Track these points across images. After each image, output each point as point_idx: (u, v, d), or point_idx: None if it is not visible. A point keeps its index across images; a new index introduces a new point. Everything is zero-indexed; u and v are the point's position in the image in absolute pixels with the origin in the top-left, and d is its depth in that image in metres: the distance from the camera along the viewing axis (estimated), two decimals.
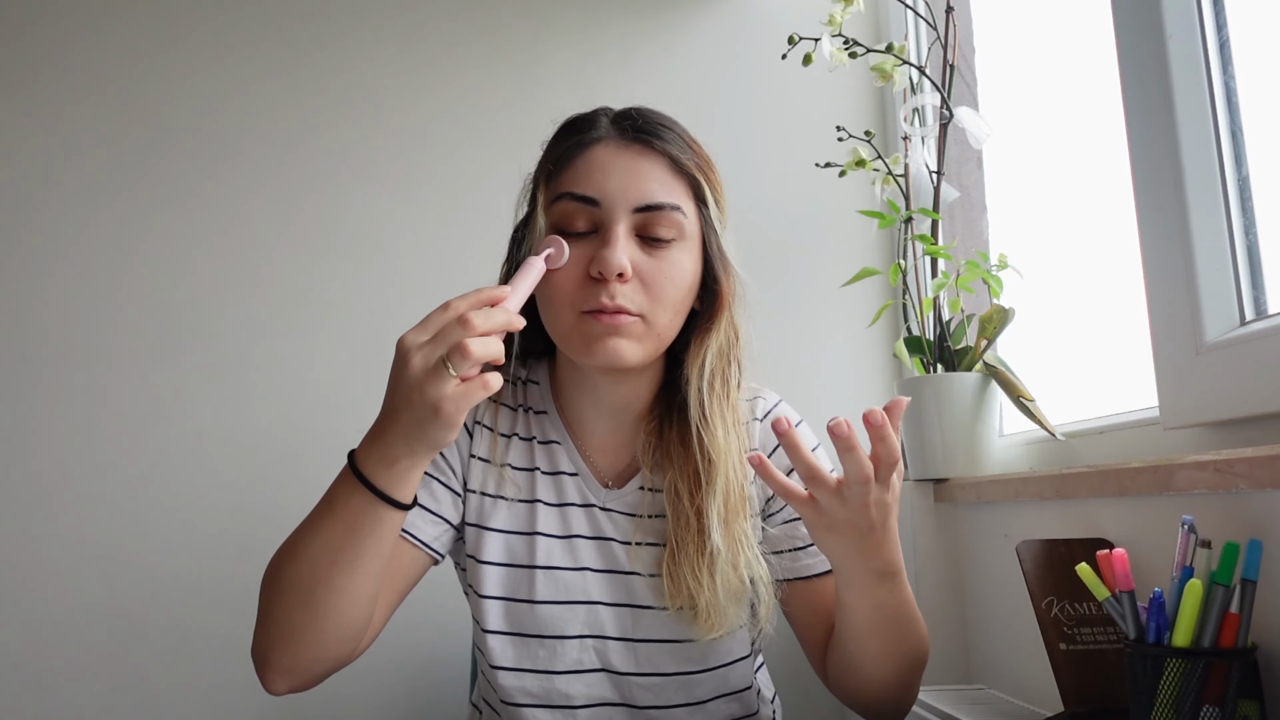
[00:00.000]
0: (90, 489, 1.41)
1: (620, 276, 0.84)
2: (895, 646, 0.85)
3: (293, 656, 0.78)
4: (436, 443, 0.72)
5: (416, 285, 1.52)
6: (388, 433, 0.74)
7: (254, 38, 1.55)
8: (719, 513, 0.88)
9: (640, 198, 0.86)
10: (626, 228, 0.85)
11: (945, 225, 1.48)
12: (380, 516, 0.76)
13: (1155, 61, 0.95)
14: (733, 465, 0.90)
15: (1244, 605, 0.70)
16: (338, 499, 0.77)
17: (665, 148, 0.88)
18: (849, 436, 0.71)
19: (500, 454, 0.96)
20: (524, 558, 0.93)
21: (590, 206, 0.86)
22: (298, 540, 0.79)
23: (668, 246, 0.87)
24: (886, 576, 0.80)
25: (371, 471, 0.75)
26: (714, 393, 0.91)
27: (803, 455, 0.74)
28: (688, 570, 0.88)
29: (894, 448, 0.73)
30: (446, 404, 0.69)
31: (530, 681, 0.91)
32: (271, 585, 0.79)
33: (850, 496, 0.74)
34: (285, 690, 0.80)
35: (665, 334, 0.89)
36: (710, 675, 0.94)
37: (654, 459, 0.94)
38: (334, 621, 0.78)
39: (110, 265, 1.46)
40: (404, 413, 0.71)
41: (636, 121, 0.89)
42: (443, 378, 0.69)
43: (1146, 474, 0.85)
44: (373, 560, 0.78)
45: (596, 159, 0.87)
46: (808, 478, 0.75)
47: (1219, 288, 0.91)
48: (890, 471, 0.73)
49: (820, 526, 0.78)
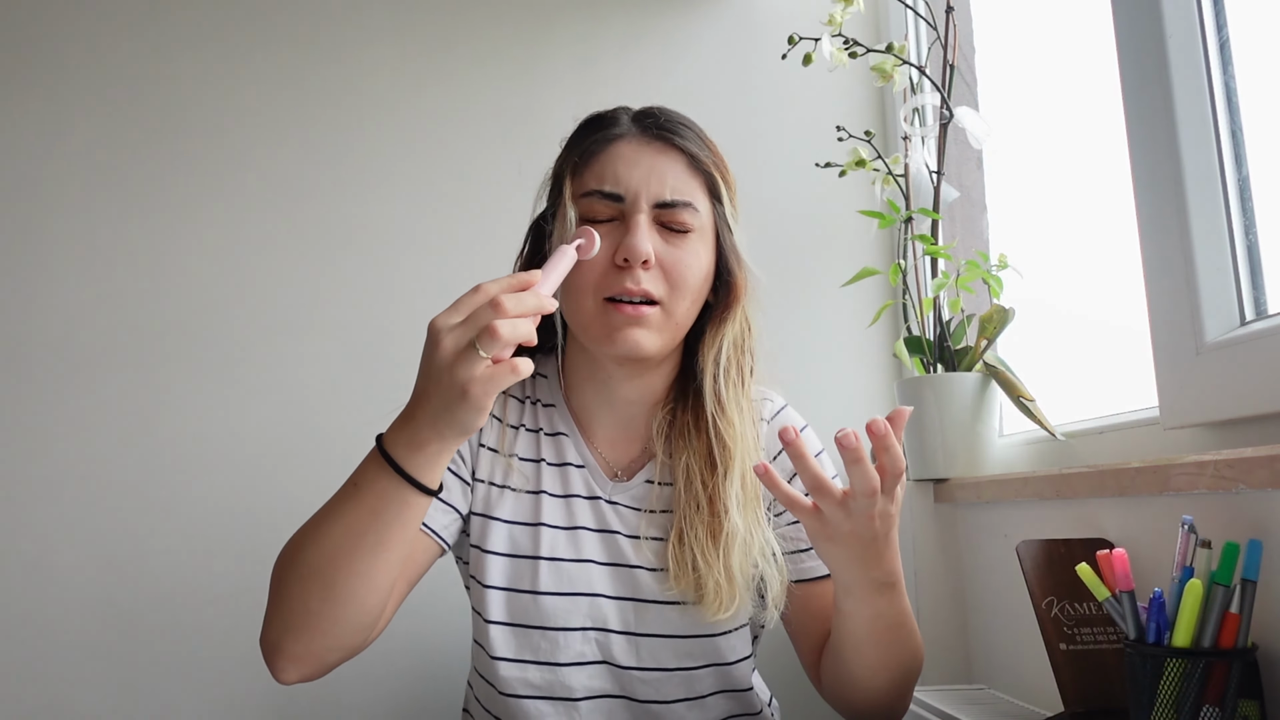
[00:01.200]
0: (91, 489, 1.41)
1: (645, 264, 0.88)
2: (891, 657, 0.86)
3: (306, 644, 0.78)
4: (464, 426, 0.73)
5: (417, 285, 1.52)
6: (417, 415, 0.74)
7: (254, 39, 1.55)
8: (737, 497, 0.90)
9: (661, 193, 0.90)
10: (649, 219, 0.89)
11: (945, 225, 1.48)
12: (405, 500, 0.76)
13: (1155, 61, 0.95)
14: (749, 451, 0.92)
15: (1244, 605, 0.70)
16: (363, 481, 0.77)
17: (684, 145, 0.92)
18: (857, 448, 0.72)
19: (508, 445, 0.97)
20: (528, 548, 0.93)
21: (614, 201, 0.90)
22: (318, 524, 0.78)
23: (686, 238, 0.91)
24: (886, 586, 0.81)
25: (399, 454, 0.75)
26: (729, 380, 0.94)
27: (809, 465, 0.75)
28: (696, 552, 0.89)
29: (899, 458, 0.73)
30: (475, 386, 0.70)
31: (532, 673, 0.92)
32: (288, 570, 0.79)
33: (855, 508, 0.74)
34: (296, 679, 0.80)
35: (683, 322, 0.92)
36: (711, 671, 0.94)
37: (667, 443, 0.96)
38: (352, 608, 0.78)
39: (110, 265, 1.46)
40: (434, 395, 0.72)
41: (658, 119, 0.93)
42: (473, 360, 0.69)
43: (1146, 474, 0.85)
44: (395, 546, 0.78)
45: (620, 154, 0.91)
46: (813, 488, 0.76)
47: (1219, 288, 0.91)
48: (895, 483, 0.74)
49: (823, 537, 0.78)
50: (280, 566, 0.80)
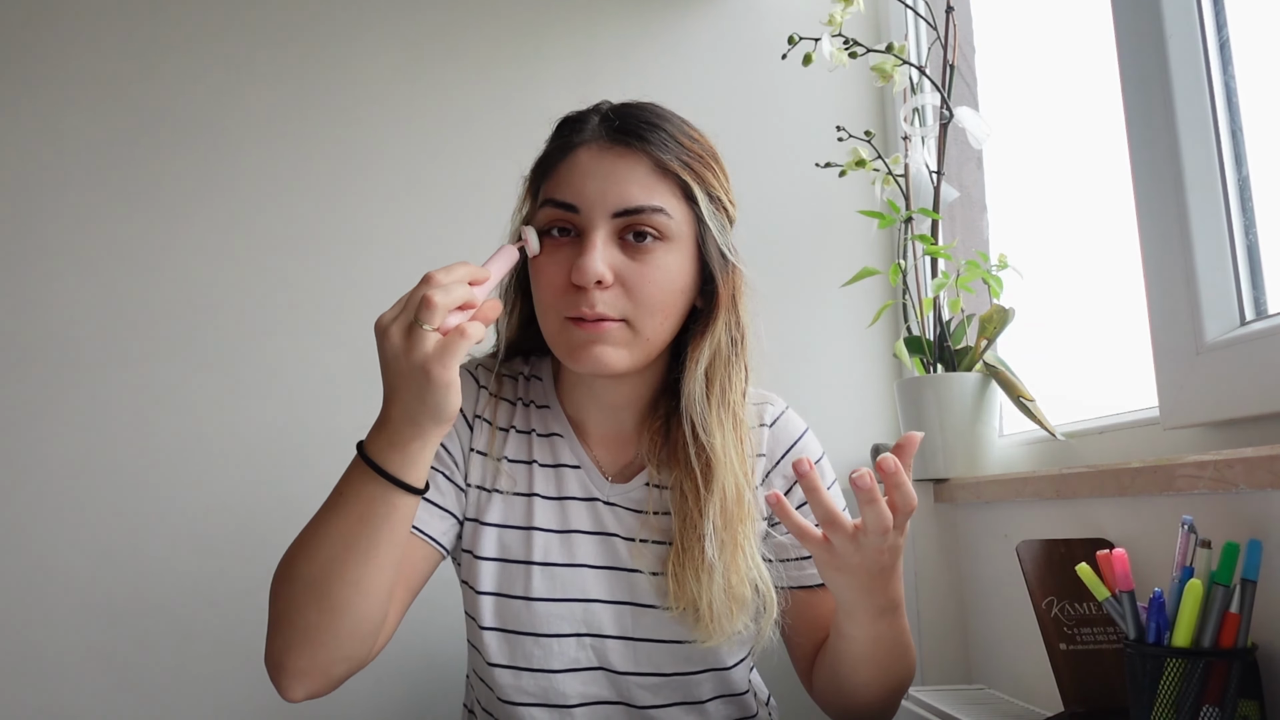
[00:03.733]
0: (91, 489, 1.41)
1: (599, 284, 0.83)
2: (886, 674, 0.87)
3: (310, 658, 0.77)
4: (438, 411, 0.73)
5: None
6: (392, 414, 0.75)
7: (254, 40, 1.55)
8: (713, 521, 0.87)
9: (619, 202, 0.84)
10: (606, 233, 0.84)
11: (945, 225, 1.48)
12: (393, 503, 0.76)
13: (1155, 61, 0.95)
14: (732, 471, 0.89)
15: (1244, 605, 0.70)
16: (349, 489, 0.77)
17: (648, 149, 0.85)
18: (872, 489, 0.72)
19: (497, 447, 0.95)
20: (520, 553, 0.92)
21: (570, 212, 0.85)
22: (309, 537, 0.78)
23: (651, 249, 0.85)
24: (888, 611, 0.82)
25: (381, 456, 0.75)
26: (712, 397, 0.89)
27: (822, 499, 0.75)
28: (691, 573, 0.87)
29: (910, 495, 0.74)
30: (432, 364, 0.71)
31: (526, 680, 0.90)
32: (284, 585, 0.78)
33: (866, 543, 0.75)
34: (303, 696, 0.79)
35: (655, 337, 0.87)
36: (710, 676, 0.93)
37: (660, 458, 0.94)
38: (351, 618, 0.77)
39: (110, 266, 1.46)
40: (400, 388, 0.73)
41: (625, 121, 0.87)
42: (422, 338, 0.71)
43: (1146, 474, 0.85)
44: (388, 551, 0.77)
45: (578, 164, 0.86)
46: (825, 522, 0.76)
47: (1219, 288, 0.91)
48: (906, 519, 0.75)
49: (832, 567, 0.79)
50: (276, 582, 0.79)
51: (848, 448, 1.55)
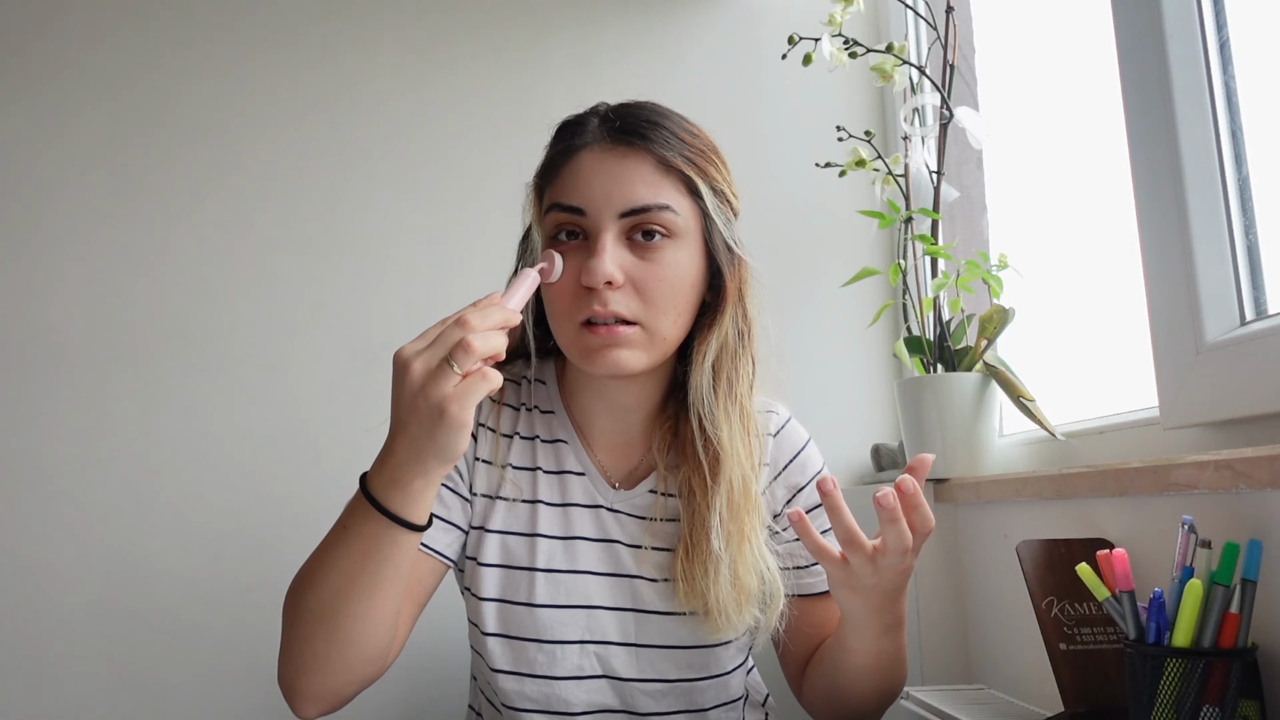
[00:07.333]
0: (91, 489, 1.41)
1: (609, 285, 0.83)
2: (882, 686, 0.89)
3: (320, 683, 0.78)
4: (446, 451, 0.71)
5: (417, 285, 1.52)
6: (397, 450, 0.72)
7: (255, 40, 1.55)
8: (720, 512, 0.88)
9: (625, 202, 0.84)
10: (615, 234, 0.84)
11: (945, 225, 1.48)
12: (396, 540, 0.75)
13: (1155, 61, 0.95)
14: (739, 463, 0.89)
15: (1244, 605, 0.70)
16: (352, 524, 0.76)
17: (650, 147, 0.86)
18: (894, 509, 0.73)
19: (501, 454, 0.95)
20: (524, 559, 0.92)
21: (577, 215, 0.85)
22: (315, 568, 0.78)
23: (660, 248, 0.85)
24: (893, 628, 0.83)
25: (384, 495, 0.74)
26: (719, 390, 0.89)
27: (844, 519, 0.75)
28: (699, 568, 0.88)
29: (928, 517, 0.75)
30: (451, 404, 0.68)
31: (529, 686, 0.90)
32: (292, 613, 0.79)
33: (883, 564, 0.75)
34: (315, 715, 0.80)
35: (670, 336, 0.87)
36: (713, 683, 0.93)
37: (669, 457, 0.94)
38: (358, 647, 0.78)
39: (111, 266, 1.46)
40: (411, 423, 0.70)
41: (624, 122, 0.87)
42: (445, 376, 0.69)
43: (1146, 474, 0.85)
44: (392, 583, 0.77)
45: (581, 166, 0.86)
46: (846, 542, 0.76)
47: (1219, 288, 0.91)
48: (924, 540, 0.76)
49: (846, 586, 0.79)
50: (287, 607, 0.79)
51: (848, 448, 1.55)
